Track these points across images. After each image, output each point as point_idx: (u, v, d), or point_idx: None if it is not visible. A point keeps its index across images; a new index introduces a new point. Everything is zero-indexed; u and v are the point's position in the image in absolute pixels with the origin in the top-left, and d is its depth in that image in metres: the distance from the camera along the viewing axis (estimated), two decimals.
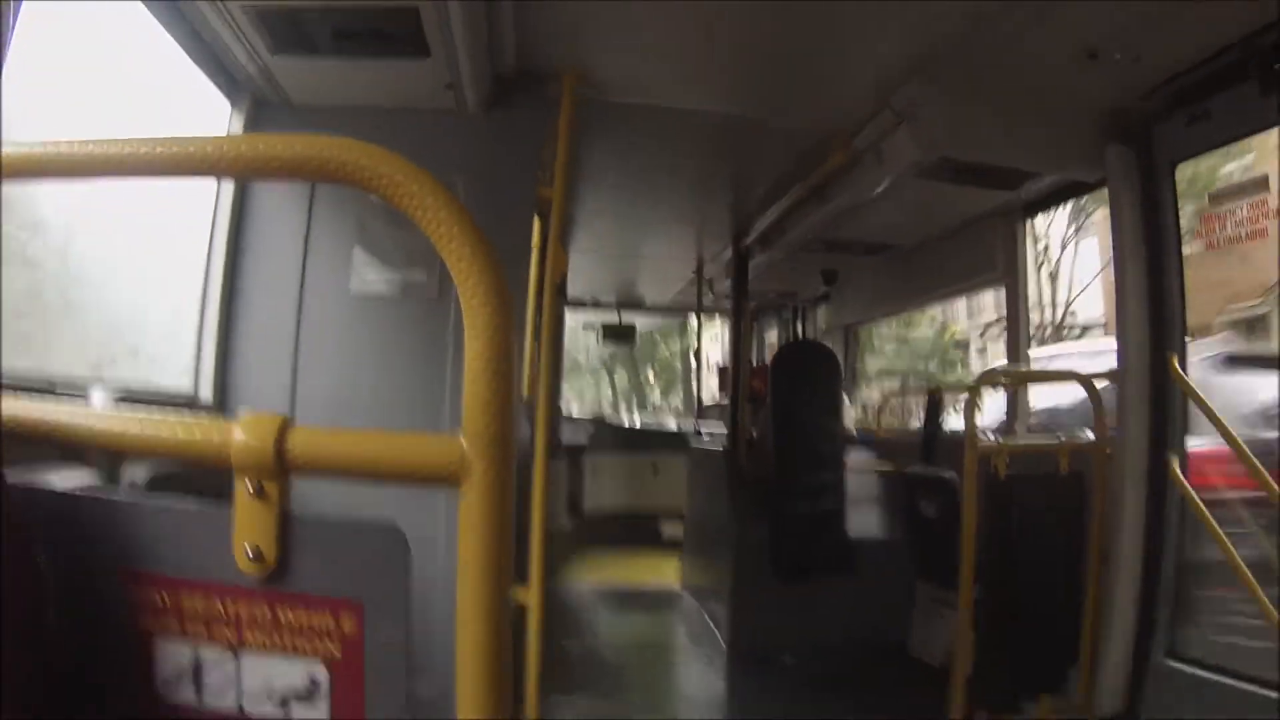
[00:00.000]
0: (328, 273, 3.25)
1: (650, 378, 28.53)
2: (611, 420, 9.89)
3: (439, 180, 0.92)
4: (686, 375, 18.93)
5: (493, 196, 3.17)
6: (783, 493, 4.83)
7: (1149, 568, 3.29)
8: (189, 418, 0.95)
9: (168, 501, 1.00)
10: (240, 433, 0.91)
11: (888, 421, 7.33)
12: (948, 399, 5.34)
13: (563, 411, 9.30)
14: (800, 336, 8.19)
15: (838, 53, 3.24)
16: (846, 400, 6.16)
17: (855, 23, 2.98)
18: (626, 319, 9.59)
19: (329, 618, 0.94)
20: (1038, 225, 12.71)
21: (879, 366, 17.18)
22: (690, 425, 9.01)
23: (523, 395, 3.03)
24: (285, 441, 0.90)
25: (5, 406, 0.99)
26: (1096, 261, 15.20)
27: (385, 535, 0.94)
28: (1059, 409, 5.04)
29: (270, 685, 0.96)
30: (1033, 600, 3.57)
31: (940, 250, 5.53)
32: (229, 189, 3.19)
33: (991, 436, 4.13)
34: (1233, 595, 3.00)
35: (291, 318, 3.20)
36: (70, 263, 2.31)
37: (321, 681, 0.95)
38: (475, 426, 0.88)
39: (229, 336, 3.17)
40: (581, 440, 8.63)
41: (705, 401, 9.45)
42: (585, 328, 9.68)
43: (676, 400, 23.30)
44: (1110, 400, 3.48)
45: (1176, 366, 3.24)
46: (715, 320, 10.08)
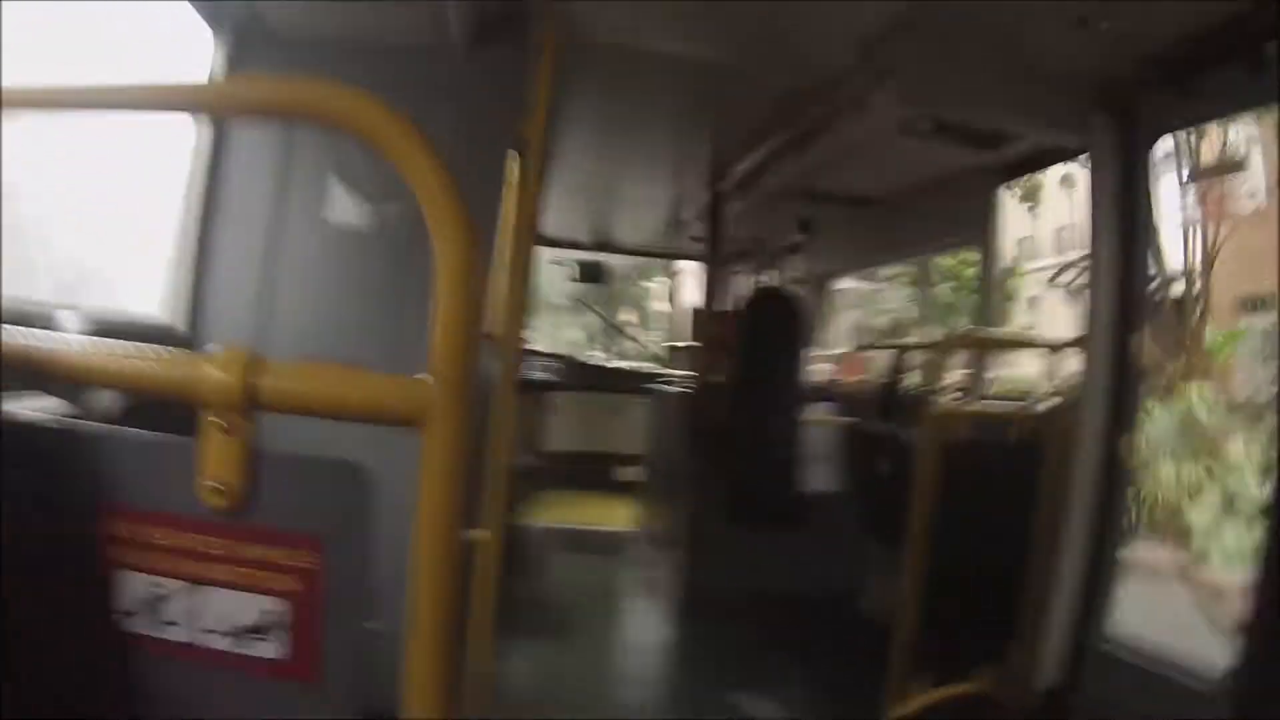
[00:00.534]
0: (304, 203, 3.21)
1: (625, 318, 28.50)
2: (579, 358, 9.91)
3: (416, 119, 0.93)
4: (661, 317, 18.73)
5: (474, 132, 3.14)
6: (740, 441, 4.86)
7: (1096, 546, 3.34)
8: (158, 350, 0.95)
9: (133, 433, 1.00)
10: (209, 367, 0.91)
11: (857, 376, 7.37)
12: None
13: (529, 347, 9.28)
14: (773, 285, 8.20)
15: (823, 2, 3.21)
16: (815, 351, 6.19)
17: None
18: (602, 259, 9.54)
19: (290, 553, 0.95)
20: None
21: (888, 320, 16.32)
22: (661, 367, 9.03)
23: (491, 333, 3.03)
24: (254, 378, 0.90)
25: None
26: None
27: (348, 472, 0.96)
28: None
29: (231, 619, 0.97)
30: (978, 569, 3.59)
31: (918, 207, 5.52)
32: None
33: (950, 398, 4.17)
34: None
35: (265, 247, 3.18)
36: (37, 190, 2.27)
37: (281, 616, 0.97)
38: (441, 367, 0.90)
39: (203, 264, 3.14)
40: (547, 377, 8.61)
41: (678, 344, 9.46)
42: (558, 263, 9.60)
43: (650, 341, 23.24)
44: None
45: (1137, 342, 3.29)
46: (690, 265, 10.04)
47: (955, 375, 5.05)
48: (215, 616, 0.97)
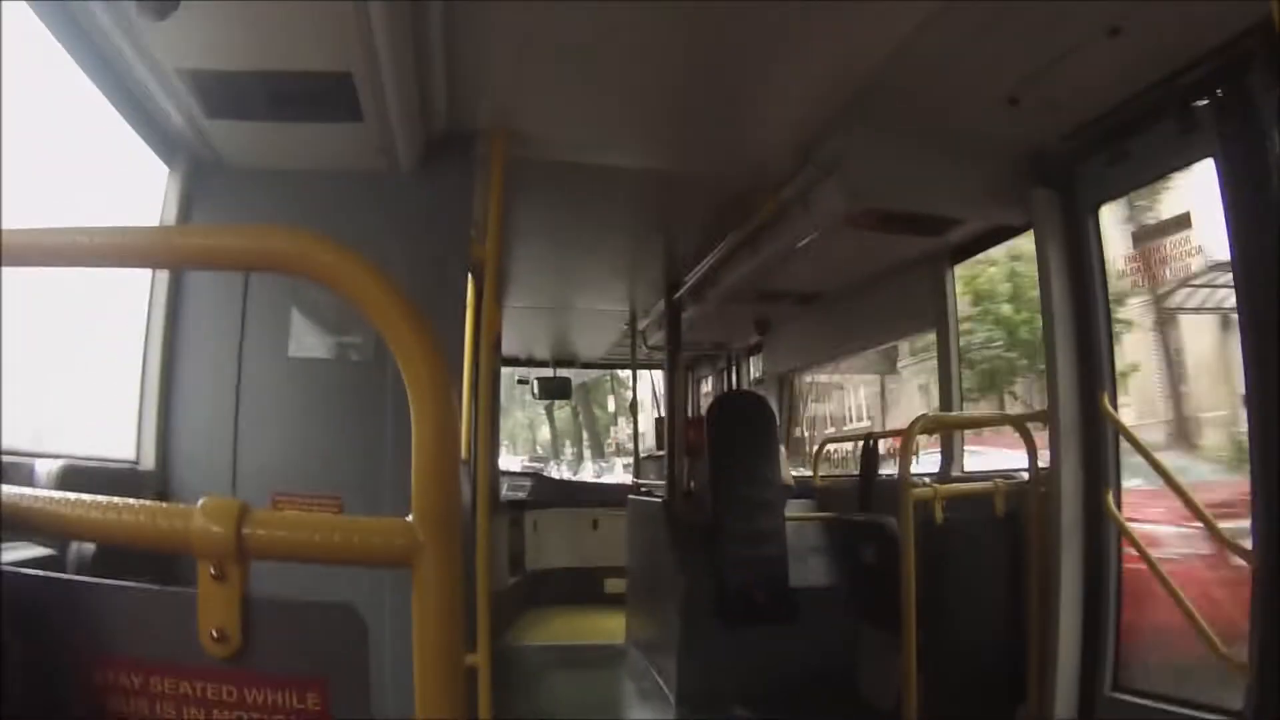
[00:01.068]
0: (266, 337, 3.21)
1: (587, 432, 28.59)
2: (550, 475, 9.85)
3: (369, 247, 0.96)
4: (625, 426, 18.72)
5: (427, 256, 3.19)
6: (723, 542, 4.82)
7: (1091, 602, 3.34)
8: (149, 504, 0.96)
9: (132, 584, 1.00)
10: (200, 519, 0.92)
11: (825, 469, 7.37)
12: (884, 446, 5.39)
13: (500, 466, 9.24)
14: (735, 387, 8.23)
15: (759, 103, 3.32)
16: (783, 449, 6.18)
17: (776, 71, 3.02)
18: (562, 374, 9.57)
19: (294, 696, 0.95)
20: None
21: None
22: (629, 477, 8.98)
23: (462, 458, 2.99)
24: (244, 527, 0.92)
25: None
26: None
27: (344, 615, 0.96)
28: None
29: None
30: (976, 641, 3.60)
31: (871, 298, 5.62)
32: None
33: (927, 481, 4.17)
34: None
35: (231, 383, 3.17)
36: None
37: None
38: (425, 507, 0.91)
39: (169, 403, 3.12)
40: (521, 496, 8.54)
41: (642, 454, 9.44)
42: (519, 381, 9.65)
43: (614, 453, 23.20)
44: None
45: (1106, 404, 3.33)
46: (651, 373, 10.10)
47: (927, 457, 5.07)
48: None
